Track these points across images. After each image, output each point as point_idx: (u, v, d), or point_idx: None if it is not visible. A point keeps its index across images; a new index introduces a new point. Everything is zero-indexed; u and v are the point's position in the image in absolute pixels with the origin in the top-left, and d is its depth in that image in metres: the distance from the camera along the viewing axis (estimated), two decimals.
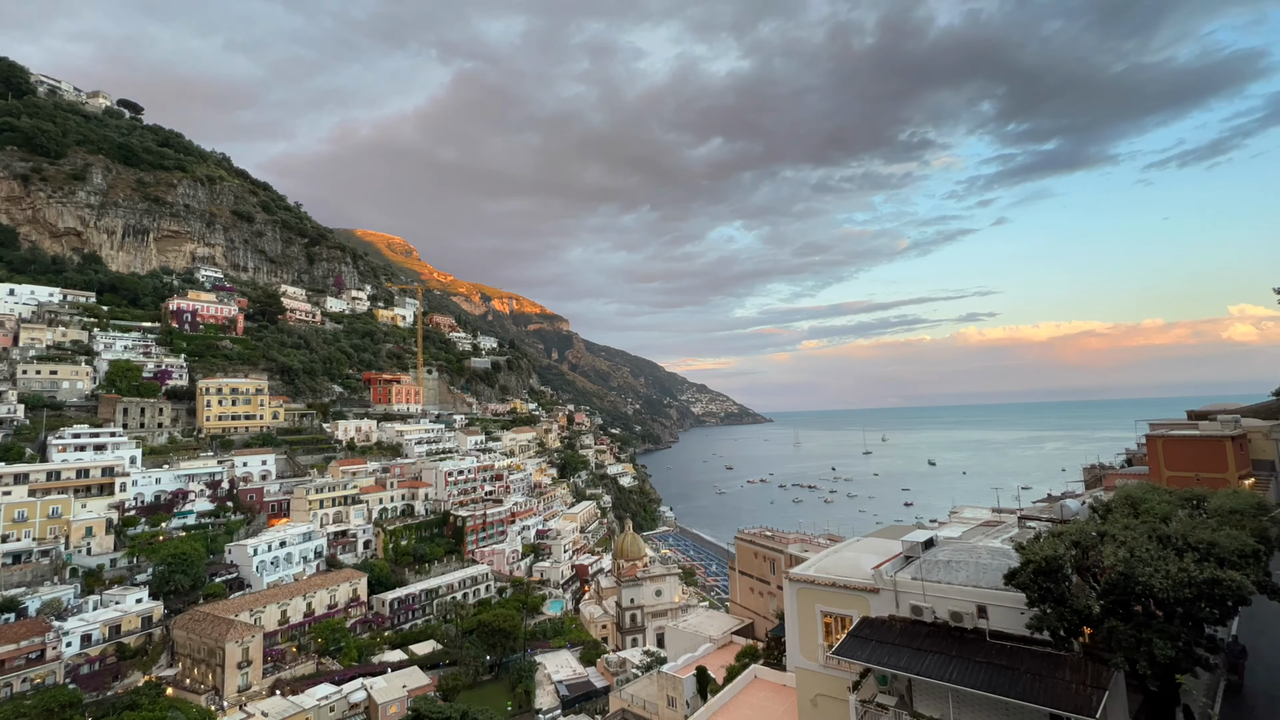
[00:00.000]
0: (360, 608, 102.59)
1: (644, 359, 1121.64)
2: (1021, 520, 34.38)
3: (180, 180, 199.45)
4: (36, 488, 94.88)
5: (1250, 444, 49.60)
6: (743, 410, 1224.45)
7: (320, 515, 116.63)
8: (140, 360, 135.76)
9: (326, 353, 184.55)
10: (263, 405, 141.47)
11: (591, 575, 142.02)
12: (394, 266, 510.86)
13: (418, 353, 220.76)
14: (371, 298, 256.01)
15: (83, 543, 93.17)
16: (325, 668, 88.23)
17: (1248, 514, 23.27)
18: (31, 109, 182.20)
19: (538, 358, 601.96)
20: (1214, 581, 18.43)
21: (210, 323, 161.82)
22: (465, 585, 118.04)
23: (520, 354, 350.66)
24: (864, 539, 36.35)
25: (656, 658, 76.07)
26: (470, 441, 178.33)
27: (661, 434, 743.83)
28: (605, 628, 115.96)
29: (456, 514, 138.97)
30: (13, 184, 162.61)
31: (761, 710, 35.93)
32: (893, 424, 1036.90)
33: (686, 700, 50.31)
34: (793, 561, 60.45)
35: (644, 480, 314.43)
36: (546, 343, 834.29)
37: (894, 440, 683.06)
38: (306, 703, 71.54)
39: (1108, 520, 23.19)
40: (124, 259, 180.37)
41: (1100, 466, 72.49)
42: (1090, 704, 18.91)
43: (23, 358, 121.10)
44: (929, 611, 24.07)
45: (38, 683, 71.63)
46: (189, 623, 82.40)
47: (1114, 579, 19.58)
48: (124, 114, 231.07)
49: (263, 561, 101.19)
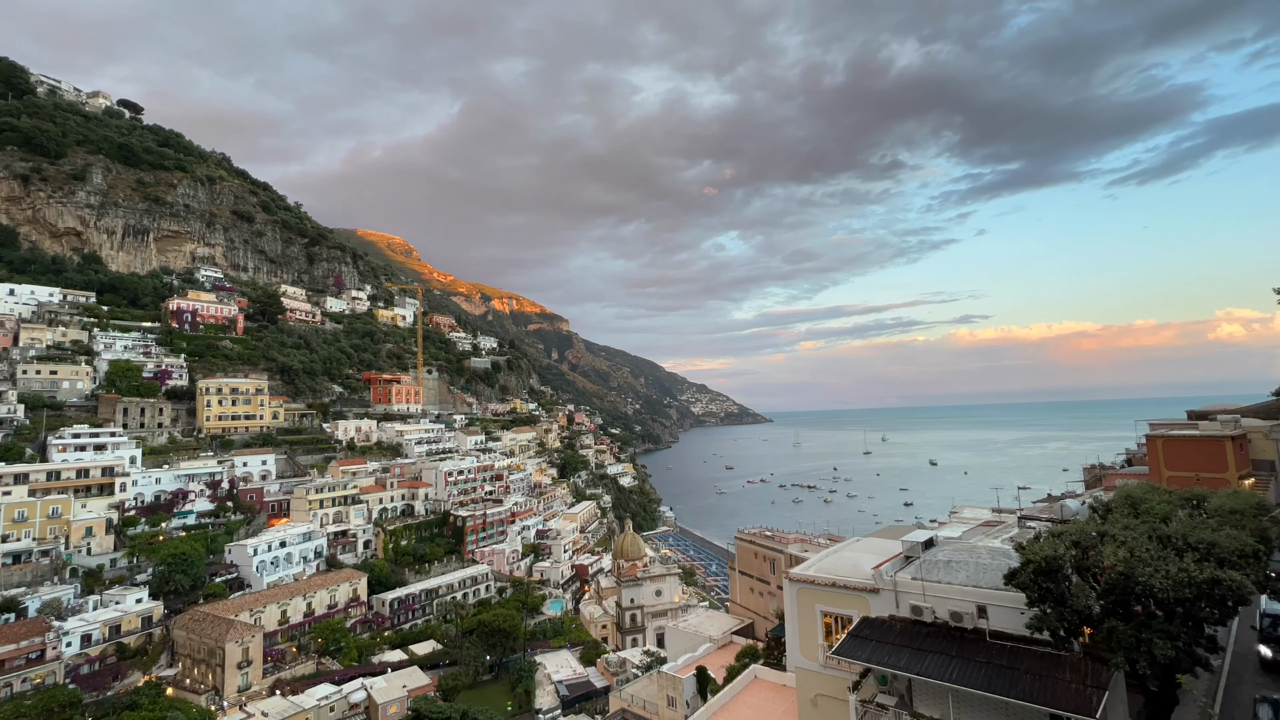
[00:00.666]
0: (360, 608, 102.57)
1: (644, 359, 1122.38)
2: (1021, 520, 34.42)
3: (180, 180, 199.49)
4: (36, 488, 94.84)
5: (1250, 444, 49.59)
6: (743, 410, 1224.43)
7: (320, 515, 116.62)
8: (140, 360, 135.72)
9: (326, 353, 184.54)
10: (263, 405, 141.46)
11: (591, 575, 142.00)
12: (394, 266, 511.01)
13: (418, 353, 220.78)
14: (371, 298, 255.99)
15: (83, 543, 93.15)
16: (325, 668, 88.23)
17: (1248, 514, 23.30)
18: (31, 109, 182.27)
19: (538, 358, 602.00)
20: (1214, 581, 18.44)
21: (210, 323, 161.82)
22: (465, 585, 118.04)
23: (520, 354, 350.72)
24: (864, 539, 36.39)
25: (656, 658, 76.08)
26: (470, 441, 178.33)
27: (661, 434, 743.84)
28: (605, 628, 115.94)
29: (456, 514, 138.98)
30: (13, 184, 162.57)
31: (761, 710, 35.93)
32: (892, 424, 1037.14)
33: (686, 700, 50.32)
34: (793, 561, 60.47)
35: (644, 480, 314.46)
36: (546, 343, 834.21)
37: (894, 440, 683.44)
38: (306, 703, 71.51)
39: (1108, 520, 23.20)
40: (124, 259, 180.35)
41: (1100, 466, 72.57)
42: (1090, 704, 18.92)
43: (23, 358, 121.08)
44: (929, 611, 24.08)
45: (38, 683, 71.60)
46: (189, 623, 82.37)
47: (1114, 579, 19.58)
48: (124, 114, 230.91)
49: (263, 561, 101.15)
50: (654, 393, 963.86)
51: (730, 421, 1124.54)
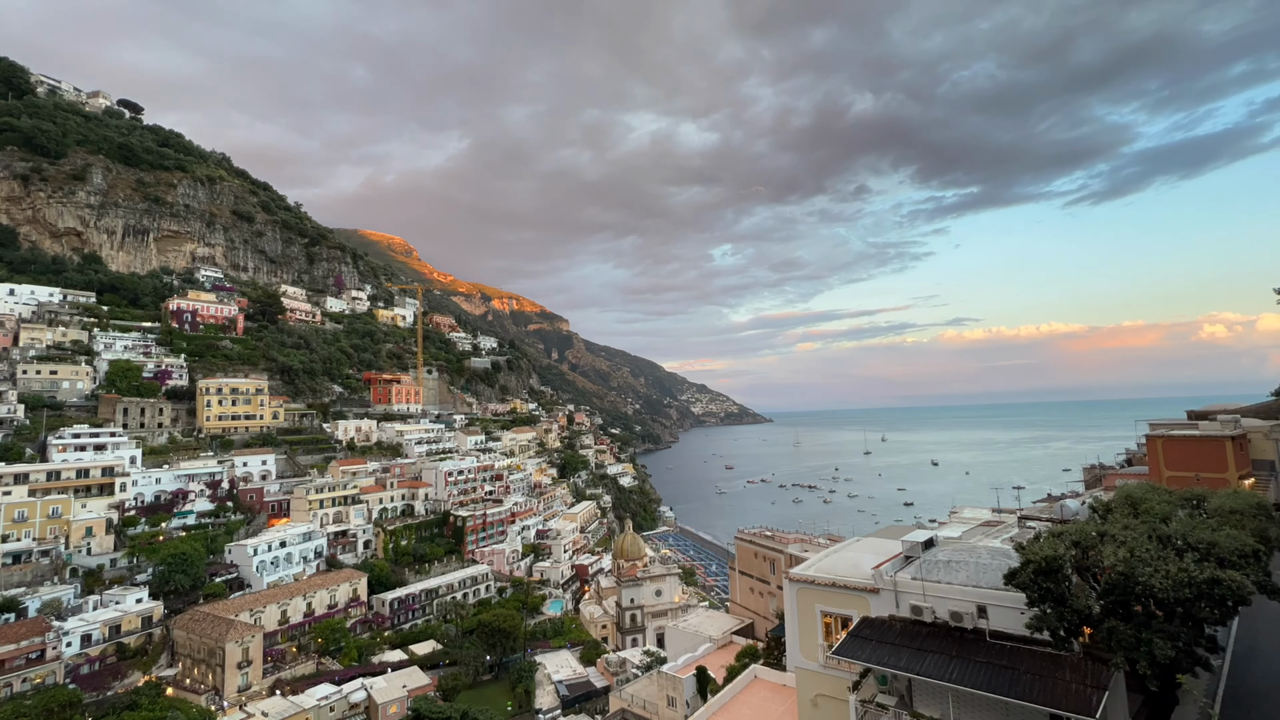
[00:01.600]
0: (360, 608, 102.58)
1: (644, 359, 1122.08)
2: (1021, 520, 34.40)
3: (180, 180, 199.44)
4: (36, 488, 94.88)
5: (1250, 444, 49.55)
6: (743, 410, 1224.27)
7: (320, 515, 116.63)
8: (140, 360, 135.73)
9: (326, 353, 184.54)
10: (263, 405, 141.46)
11: (591, 575, 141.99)
12: (394, 266, 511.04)
13: (418, 353, 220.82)
14: (371, 298, 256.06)
15: (83, 543, 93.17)
16: (325, 668, 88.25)
17: (1248, 514, 23.28)
18: (31, 109, 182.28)
19: (538, 358, 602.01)
20: (1214, 581, 18.42)
21: (210, 323, 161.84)
22: (465, 585, 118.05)
23: (520, 354, 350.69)
24: (864, 539, 36.36)
25: (656, 658, 76.12)
26: (470, 441, 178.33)
27: (661, 434, 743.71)
28: (605, 628, 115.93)
29: (456, 514, 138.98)
30: (13, 184, 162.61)
31: (761, 710, 35.94)
32: (892, 424, 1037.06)
33: (686, 700, 50.34)
34: (793, 561, 60.48)
35: (644, 480, 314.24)
36: (546, 343, 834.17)
37: (893, 440, 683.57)
38: (306, 703, 71.50)
39: (1108, 520, 23.18)
40: (124, 259, 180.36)
41: (1100, 466, 72.51)
42: (1090, 704, 18.91)
43: (23, 358, 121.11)
44: (929, 611, 24.07)
45: (38, 683, 71.60)
46: (189, 623, 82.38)
47: (1114, 579, 19.57)
48: (124, 114, 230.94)
49: (263, 561, 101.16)
50: (654, 393, 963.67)
51: (730, 421, 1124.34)
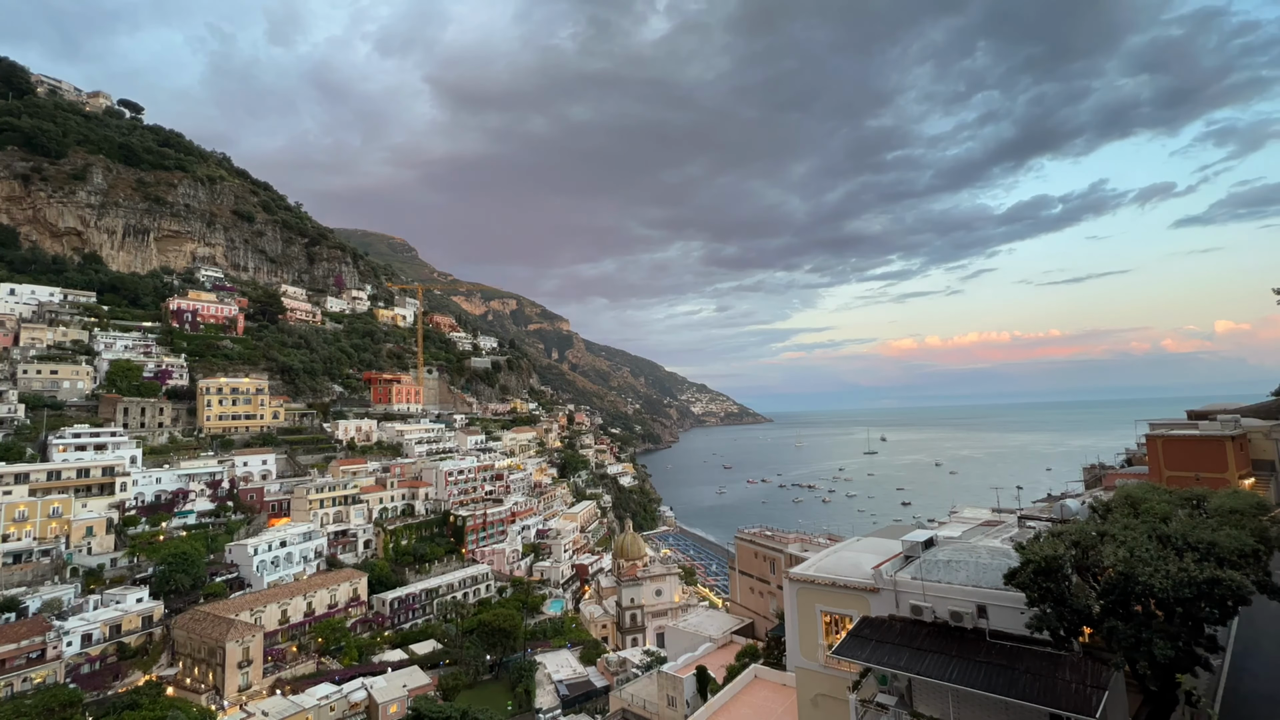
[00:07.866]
0: (360, 607, 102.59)
1: (644, 359, 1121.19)
2: (1021, 520, 34.40)
3: (181, 180, 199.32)
4: (37, 487, 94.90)
5: (1250, 444, 49.58)
6: (743, 410, 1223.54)
7: (320, 515, 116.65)
8: (140, 360, 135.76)
9: (327, 352, 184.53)
10: (263, 405, 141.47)
11: (591, 575, 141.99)
12: (394, 266, 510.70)
13: (418, 352, 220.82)
14: (372, 297, 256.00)
15: (83, 542, 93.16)
16: (325, 667, 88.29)
17: (1248, 514, 23.25)
18: (32, 109, 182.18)
19: (538, 357, 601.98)
20: (1214, 581, 18.43)
21: (210, 322, 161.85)
22: (465, 585, 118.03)
23: (520, 354, 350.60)
24: (864, 539, 36.37)
25: (656, 657, 76.19)
26: (470, 441, 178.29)
27: (661, 434, 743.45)
28: (605, 627, 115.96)
29: (456, 514, 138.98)
30: (13, 184, 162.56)
31: (761, 710, 35.97)
32: (891, 424, 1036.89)
33: (686, 700, 50.34)
34: (793, 561, 60.48)
35: (644, 480, 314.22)
36: (546, 343, 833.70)
37: (893, 440, 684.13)
38: (307, 702, 71.51)
39: (1108, 520, 23.19)
40: (124, 259, 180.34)
41: (1100, 466, 72.52)
42: (1090, 704, 18.93)
43: (23, 358, 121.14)
44: (929, 611, 24.08)
45: (38, 682, 71.64)
46: (189, 622, 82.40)
47: (1114, 579, 19.58)
48: (124, 114, 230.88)
49: (263, 561, 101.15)
50: (654, 392, 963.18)
51: (730, 421, 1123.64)
